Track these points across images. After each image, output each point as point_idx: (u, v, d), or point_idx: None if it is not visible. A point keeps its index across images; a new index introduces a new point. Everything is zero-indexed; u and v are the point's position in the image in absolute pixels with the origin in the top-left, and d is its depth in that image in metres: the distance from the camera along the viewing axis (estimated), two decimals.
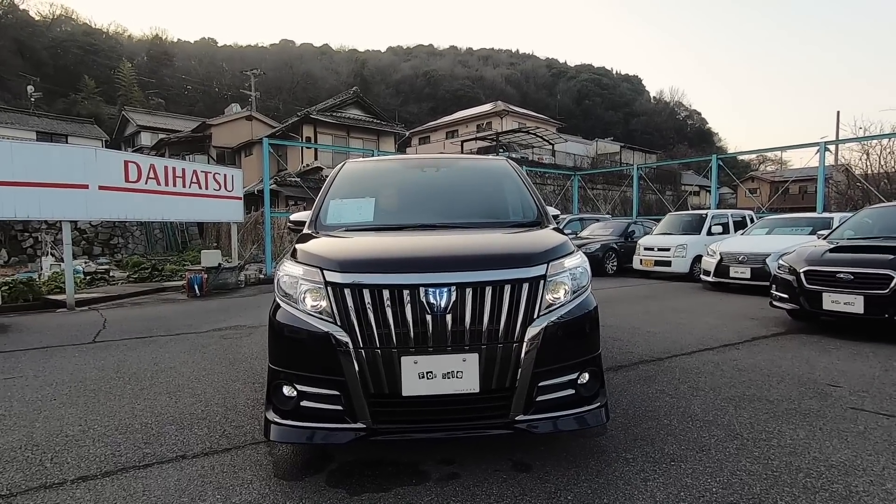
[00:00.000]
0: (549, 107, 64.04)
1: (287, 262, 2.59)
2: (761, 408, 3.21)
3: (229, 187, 11.34)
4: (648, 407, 3.26)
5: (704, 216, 12.22)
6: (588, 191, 25.24)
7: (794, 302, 5.67)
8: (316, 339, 2.26)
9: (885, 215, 6.49)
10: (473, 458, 2.52)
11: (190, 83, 60.49)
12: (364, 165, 4.08)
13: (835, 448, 2.60)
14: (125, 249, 19.90)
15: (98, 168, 8.56)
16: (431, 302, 2.23)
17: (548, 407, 2.33)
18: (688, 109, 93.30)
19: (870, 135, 16.66)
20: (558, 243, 2.62)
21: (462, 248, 2.59)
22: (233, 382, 3.93)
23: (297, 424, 2.29)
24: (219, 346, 5.24)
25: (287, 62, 72.44)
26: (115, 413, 3.28)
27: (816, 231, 9.39)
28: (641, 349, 4.85)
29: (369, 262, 2.41)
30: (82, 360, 4.77)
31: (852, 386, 3.64)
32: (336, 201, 3.43)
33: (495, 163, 4.05)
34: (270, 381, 2.40)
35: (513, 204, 3.53)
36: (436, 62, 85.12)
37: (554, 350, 2.31)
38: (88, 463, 2.56)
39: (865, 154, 17.07)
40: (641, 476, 2.32)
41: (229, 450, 2.69)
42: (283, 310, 2.42)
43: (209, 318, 7.13)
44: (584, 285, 2.54)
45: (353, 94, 30.02)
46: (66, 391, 3.77)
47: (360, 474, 2.38)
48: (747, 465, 2.42)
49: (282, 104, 55.28)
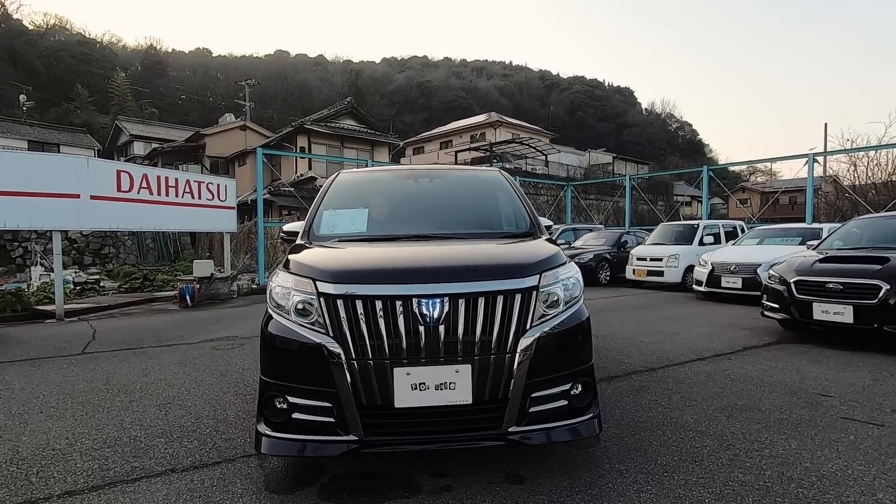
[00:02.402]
0: (543, 118, 64.60)
1: (280, 273, 2.58)
2: (753, 418, 3.22)
3: (222, 197, 11.31)
4: (641, 417, 3.26)
5: (696, 226, 12.32)
6: (581, 201, 25.39)
7: (785, 312, 5.71)
8: (308, 351, 2.25)
9: (873, 226, 6.58)
10: (466, 470, 2.50)
11: (184, 93, 60.51)
12: (357, 176, 4.10)
13: (826, 458, 2.61)
14: (116, 259, 19.72)
15: (90, 177, 8.50)
16: (424, 313, 2.23)
17: (541, 418, 2.33)
18: (679, 121, 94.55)
19: (857, 147, 16.95)
20: (550, 254, 2.64)
21: (455, 258, 2.59)
22: (224, 394, 3.90)
23: (288, 437, 2.26)
24: (210, 358, 5.20)
25: (281, 72, 72.68)
26: (104, 426, 3.23)
27: (806, 241, 9.55)
28: (634, 359, 4.85)
29: (362, 272, 2.40)
30: (70, 371, 4.70)
31: (843, 396, 3.66)
32: (329, 212, 3.43)
33: (488, 173, 4.07)
34: (262, 392, 2.38)
35: (505, 214, 3.55)
36: (430, 73, 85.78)
37: (547, 361, 2.32)
38: (75, 477, 2.51)
39: (853, 165, 17.35)
40: (634, 488, 2.32)
41: (219, 463, 2.66)
42: (275, 321, 2.40)
43: (200, 328, 7.07)
44: (576, 296, 2.55)
45: (347, 105, 30.11)
46: (54, 404, 3.72)
47: (352, 487, 2.36)
48: (739, 475, 2.43)
49: (276, 114, 55.36)
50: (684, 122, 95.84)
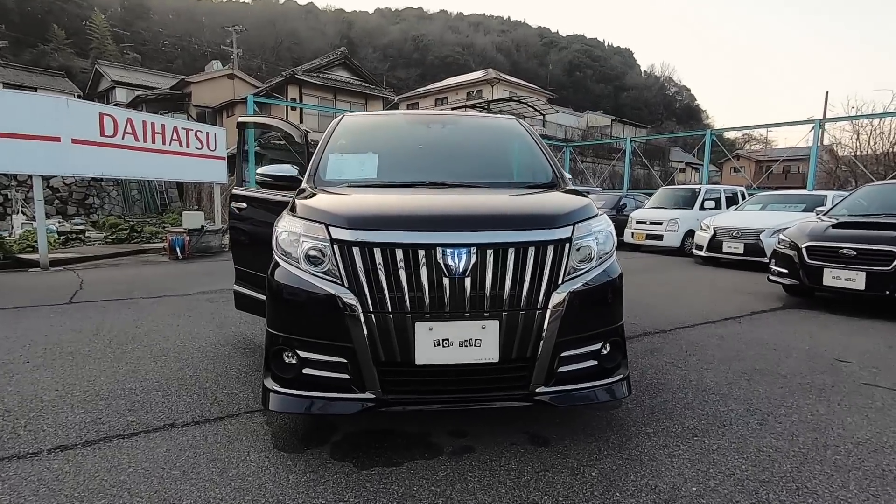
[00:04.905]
0: (540, 77, 62.95)
1: (286, 217, 2.34)
2: (775, 382, 3.12)
3: (212, 146, 10.83)
4: (660, 379, 3.15)
5: (697, 191, 12.13)
6: (579, 163, 25.03)
7: (794, 277, 5.61)
8: (320, 302, 2.05)
9: (885, 192, 6.43)
10: (486, 429, 2.37)
11: (167, 38, 57.73)
12: (364, 119, 3.79)
13: (858, 425, 2.52)
14: (101, 210, 19.17)
15: (70, 119, 8.01)
16: (449, 264, 2.03)
17: (569, 378, 2.18)
18: (677, 85, 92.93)
19: (862, 114, 16.68)
20: (583, 205, 2.43)
21: (482, 206, 2.37)
22: (222, 347, 3.72)
23: (299, 393, 2.09)
24: (205, 310, 5.00)
25: (270, 20, 69.57)
26: (95, 378, 3.04)
27: (809, 208, 9.44)
28: (643, 321, 4.74)
29: (381, 218, 2.17)
30: (57, 320, 4.48)
31: (861, 362, 3.58)
32: (336, 156, 3.15)
33: (505, 121, 3.78)
34: (269, 346, 2.19)
35: (527, 164, 3.30)
36: (425, 26, 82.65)
37: (578, 319, 2.15)
38: (67, 431, 2.34)
39: (856, 134, 17.13)
40: (666, 451, 2.20)
41: (222, 418, 2.50)
42: (282, 269, 2.19)
43: (193, 281, 6.84)
44: (608, 251, 2.37)
45: (340, 55, 28.91)
46: (41, 353, 3.51)
47: (367, 447, 2.21)
48: (772, 441, 2.32)
49: (264, 64, 53.27)
50: (682, 87, 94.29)
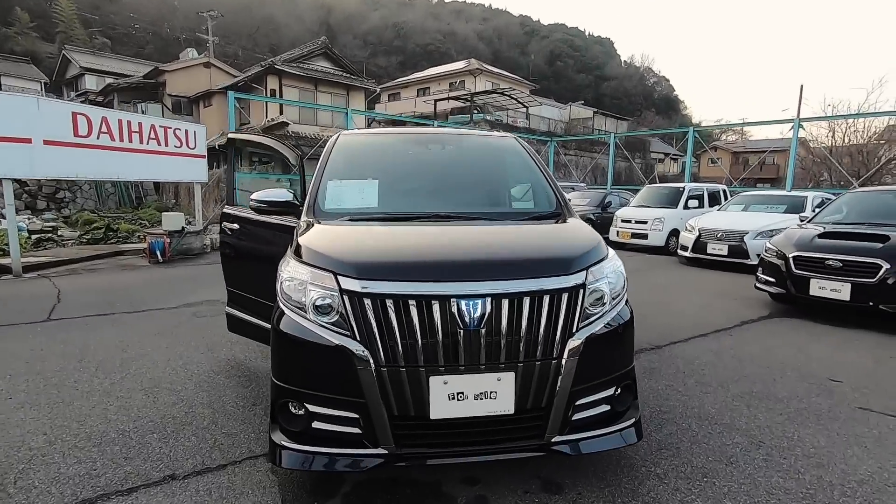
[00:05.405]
0: (522, 66, 62.82)
1: (291, 262, 2.24)
2: (774, 408, 3.17)
3: (192, 144, 10.49)
4: (663, 407, 3.16)
5: (681, 190, 12.26)
6: (562, 156, 25.10)
7: (781, 286, 5.72)
8: (330, 355, 1.98)
9: (868, 200, 6.59)
10: (498, 476, 2.34)
11: (138, 22, 55.63)
12: (360, 139, 3.68)
13: (858, 458, 2.57)
14: (73, 204, 18.47)
15: (42, 120, 7.64)
16: (464, 314, 1.97)
17: (582, 426, 2.16)
18: (657, 76, 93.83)
19: (839, 114, 17.05)
20: (594, 244, 2.39)
21: (496, 251, 2.30)
22: (216, 375, 3.60)
23: (311, 450, 2.03)
24: (192, 327, 4.85)
25: (246, 5, 67.47)
26: (85, 417, 2.92)
27: (790, 209, 9.65)
28: (638, 334, 4.66)
29: (391, 266, 2.10)
30: (38, 343, 4.29)
31: (852, 381, 3.66)
32: (335, 182, 3.05)
33: (504, 141, 3.72)
34: (276, 398, 2.11)
35: (530, 189, 3.25)
36: (406, 13, 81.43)
37: (593, 365, 2.12)
38: (61, 487, 2.23)
39: (832, 132, 17.53)
40: (678, 497, 2.21)
41: (224, 466, 2.41)
42: (288, 319, 2.10)
43: (176, 289, 6.64)
44: (620, 291, 2.34)
45: (321, 45, 28.23)
46: (24, 387, 3.35)
47: (378, 499, 2.16)
48: (780, 481, 2.35)
49: (241, 51, 51.89)
50: (662, 77, 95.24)
